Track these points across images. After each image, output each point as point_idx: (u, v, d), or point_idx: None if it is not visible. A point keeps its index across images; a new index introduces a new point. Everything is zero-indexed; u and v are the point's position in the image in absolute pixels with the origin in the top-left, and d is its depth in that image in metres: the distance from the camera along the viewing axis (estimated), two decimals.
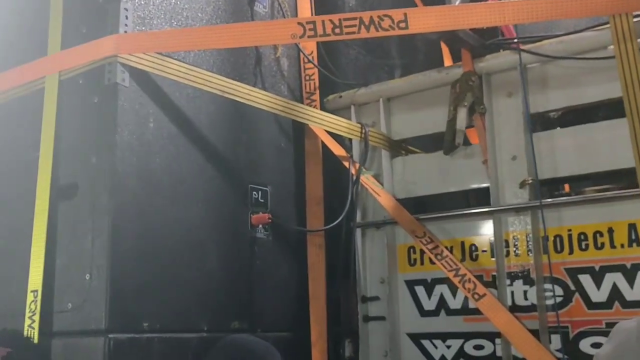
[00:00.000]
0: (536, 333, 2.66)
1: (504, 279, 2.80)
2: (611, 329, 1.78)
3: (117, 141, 2.42)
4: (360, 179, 3.13)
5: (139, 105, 2.52)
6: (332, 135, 3.24)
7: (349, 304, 3.15)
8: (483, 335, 2.84)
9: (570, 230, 2.70)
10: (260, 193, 2.99)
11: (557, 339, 2.64)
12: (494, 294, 2.78)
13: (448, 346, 2.93)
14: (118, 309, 2.31)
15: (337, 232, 3.11)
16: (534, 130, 2.82)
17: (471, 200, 3.18)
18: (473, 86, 2.92)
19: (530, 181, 2.77)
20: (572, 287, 2.66)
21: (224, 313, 2.71)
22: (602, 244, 2.63)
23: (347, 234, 3.12)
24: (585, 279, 2.65)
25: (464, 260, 2.93)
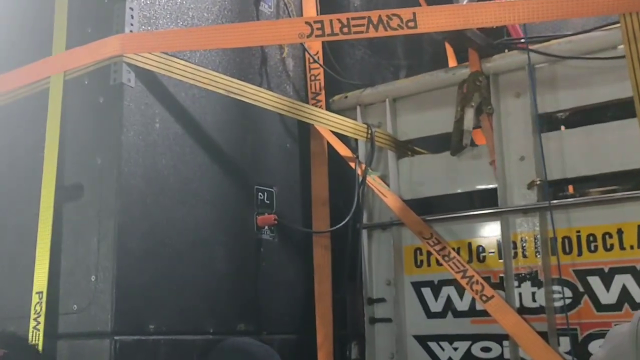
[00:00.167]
0: (544, 335, 2.64)
1: (511, 280, 2.78)
2: None
3: (123, 142, 2.40)
4: (367, 180, 3.11)
5: (145, 106, 2.50)
6: (337, 135, 3.22)
7: (355, 306, 3.14)
8: (491, 338, 2.82)
9: (579, 231, 2.68)
10: (266, 194, 2.97)
11: (565, 341, 2.63)
12: (501, 296, 2.76)
13: (455, 348, 2.91)
14: (124, 310, 2.29)
15: (343, 233, 3.09)
16: (542, 130, 2.80)
17: (476, 202, 3.15)
18: (480, 86, 2.90)
19: (538, 182, 2.75)
20: (581, 289, 2.64)
21: (229, 315, 2.69)
22: (611, 245, 2.61)
23: (353, 235, 3.10)
24: (594, 281, 2.63)
25: (471, 261, 2.91)
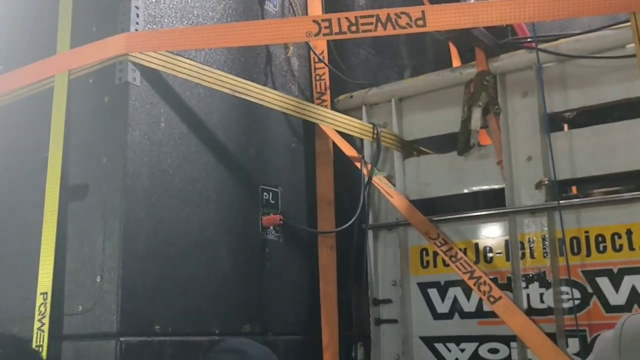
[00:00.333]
0: (553, 336, 2.62)
1: (519, 281, 2.76)
2: None
3: (129, 141, 2.38)
4: (373, 180, 3.09)
5: (150, 105, 2.48)
6: (342, 135, 3.20)
7: (361, 307, 3.11)
8: (498, 339, 2.80)
9: (587, 232, 2.66)
10: (271, 194, 2.95)
11: (574, 342, 2.60)
12: (509, 297, 2.74)
13: (462, 350, 2.89)
14: (129, 311, 2.27)
15: (348, 233, 3.07)
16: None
17: (480, 203, 3.13)
18: (488, 86, 2.87)
19: (546, 182, 2.73)
20: (590, 290, 2.62)
21: (235, 316, 2.67)
22: (620, 245, 2.59)
23: (359, 235, 3.08)
24: (603, 282, 2.60)
25: (478, 262, 2.89)
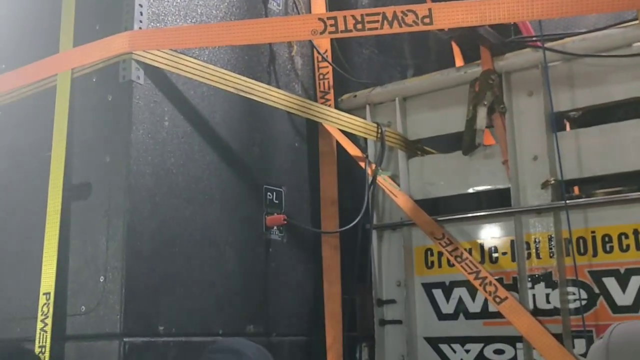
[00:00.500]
0: (559, 337, 2.60)
1: (525, 281, 2.74)
2: None
3: (132, 140, 2.36)
4: (377, 180, 3.07)
5: (154, 104, 2.47)
6: (345, 135, 3.17)
7: (365, 308, 3.09)
8: (504, 340, 2.78)
9: (594, 232, 2.64)
10: (274, 194, 2.93)
11: (580, 343, 2.59)
12: (515, 297, 2.72)
13: (467, 350, 2.87)
14: (133, 311, 2.25)
15: (352, 233, 3.05)
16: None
17: (483, 203, 3.11)
18: (493, 85, 2.85)
19: (552, 181, 2.71)
20: (597, 291, 2.60)
21: (239, 316, 2.65)
22: (627, 246, 2.57)
23: (363, 235, 3.06)
24: (610, 282, 2.59)
25: (483, 262, 2.87)
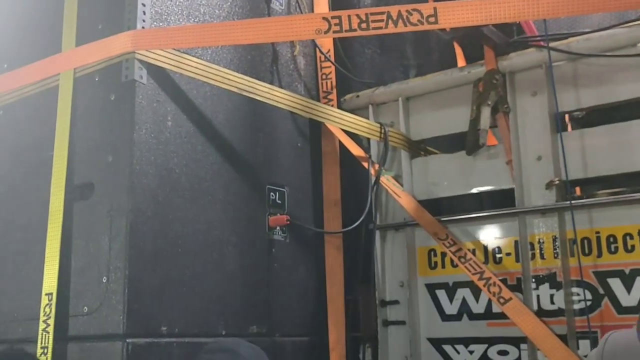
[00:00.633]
0: (564, 338, 2.59)
1: (529, 282, 2.73)
2: None
3: (135, 140, 2.35)
4: (380, 180, 3.06)
5: (157, 103, 2.45)
6: (348, 135, 3.16)
7: (368, 308, 3.08)
8: (508, 341, 2.77)
9: (598, 232, 2.63)
10: (277, 194, 2.92)
11: (585, 344, 2.57)
12: (519, 298, 2.71)
13: (471, 351, 2.85)
14: (136, 312, 2.24)
15: (355, 234, 3.04)
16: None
17: (487, 203, 3.10)
18: (497, 84, 2.84)
19: (557, 182, 2.69)
20: (601, 291, 2.59)
21: (242, 317, 2.64)
22: (632, 246, 2.56)
23: (366, 236, 3.05)
24: (615, 283, 2.57)
25: (487, 263, 2.86)
